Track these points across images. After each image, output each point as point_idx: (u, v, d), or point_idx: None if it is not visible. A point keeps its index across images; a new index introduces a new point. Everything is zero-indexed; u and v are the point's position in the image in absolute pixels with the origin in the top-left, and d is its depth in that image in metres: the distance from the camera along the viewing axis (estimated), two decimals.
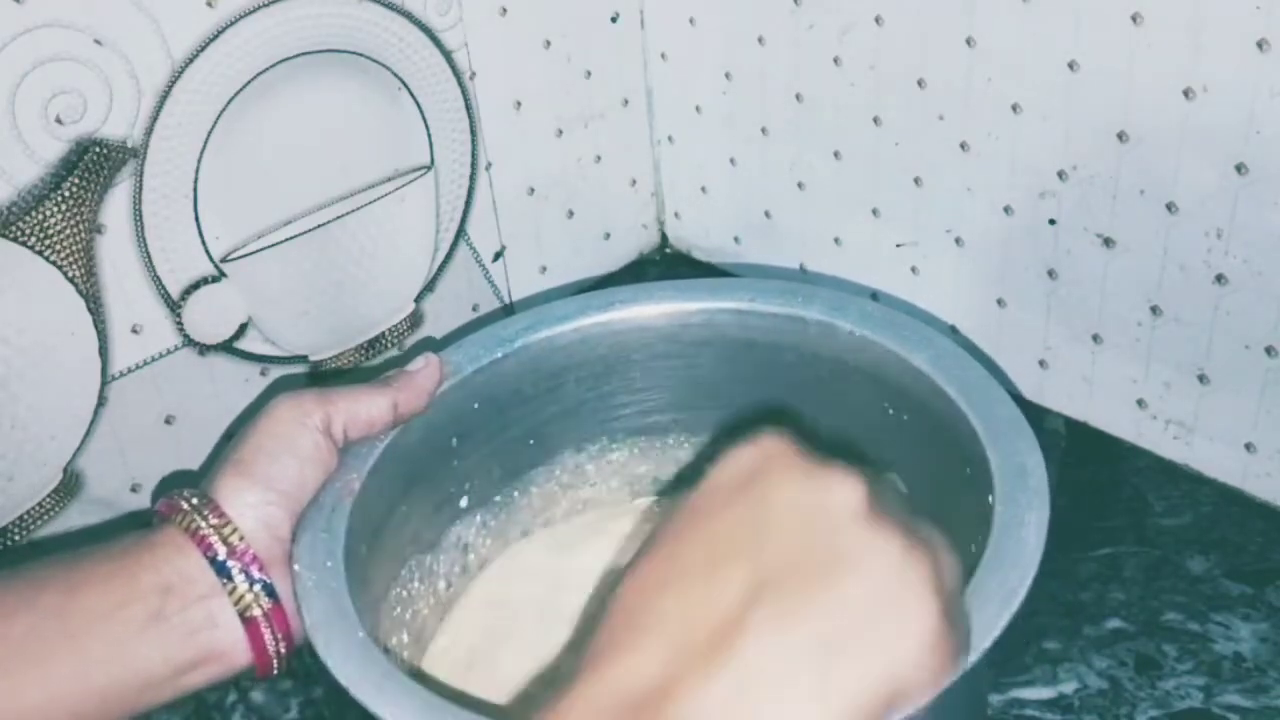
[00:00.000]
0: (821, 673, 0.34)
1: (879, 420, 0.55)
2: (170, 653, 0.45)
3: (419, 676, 0.53)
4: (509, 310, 0.78)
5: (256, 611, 0.47)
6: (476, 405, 0.56)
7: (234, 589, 0.47)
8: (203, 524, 0.47)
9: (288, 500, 0.48)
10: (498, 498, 0.59)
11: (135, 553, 0.47)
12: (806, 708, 0.33)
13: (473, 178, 0.74)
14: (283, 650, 0.48)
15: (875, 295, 0.74)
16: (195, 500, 0.48)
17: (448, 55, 0.69)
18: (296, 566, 0.47)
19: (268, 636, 0.47)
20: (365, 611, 0.48)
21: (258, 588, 0.47)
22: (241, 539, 0.47)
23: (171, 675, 0.46)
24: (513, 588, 0.59)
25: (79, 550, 0.47)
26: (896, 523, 0.36)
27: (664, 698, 0.33)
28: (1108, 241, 0.62)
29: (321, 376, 0.70)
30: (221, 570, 0.46)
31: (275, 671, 0.48)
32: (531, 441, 0.59)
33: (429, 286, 0.74)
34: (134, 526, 0.49)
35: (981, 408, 0.50)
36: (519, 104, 0.75)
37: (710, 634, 0.34)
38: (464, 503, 0.58)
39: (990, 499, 0.46)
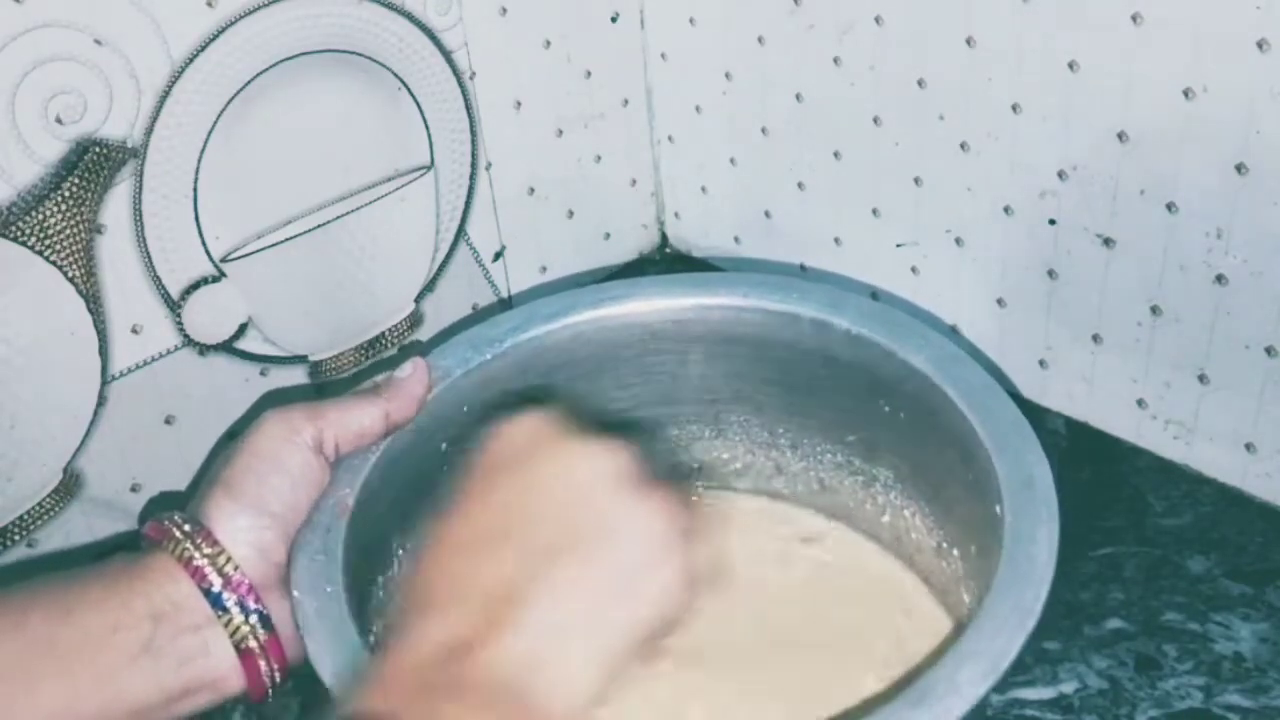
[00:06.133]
0: (594, 620, 0.40)
1: (876, 417, 0.55)
2: (161, 681, 0.45)
3: None
4: (507, 306, 0.78)
5: (253, 644, 0.46)
6: (466, 409, 0.56)
7: (230, 621, 0.46)
8: (196, 553, 0.46)
9: (280, 522, 0.48)
10: None
11: (126, 578, 0.46)
12: (584, 649, 0.39)
13: (473, 178, 0.74)
14: (277, 678, 0.47)
15: (875, 295, 0.74)
16: (187, 527, 0.47)
17: (448, 55, 0.69)
18: (296, 593, 0.46)
19: (263, 667, 0.47)
20: (365, 624, 0.47)
21: (254, 619, 0.46)
22: (236, 568, 0.46)
23: (162, 703, 0.45)
24: None
25: (69, 573, 0.46)
26: (647, 483, 0.42)
27: (467, 654, 0.38)
28: (1108, 241, 0.62)
29: (318, 380, 0.70)
30: (217, 602, 0.46)
31: (269, 698, 0.48)
32: None
33: (429, 286, 0.74)
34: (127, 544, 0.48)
35: (983, 412, 0.49)
36: (519, 104, 0.75)
37: (500, 597, 0.39)
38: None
39: (998, 509, 0.46)
